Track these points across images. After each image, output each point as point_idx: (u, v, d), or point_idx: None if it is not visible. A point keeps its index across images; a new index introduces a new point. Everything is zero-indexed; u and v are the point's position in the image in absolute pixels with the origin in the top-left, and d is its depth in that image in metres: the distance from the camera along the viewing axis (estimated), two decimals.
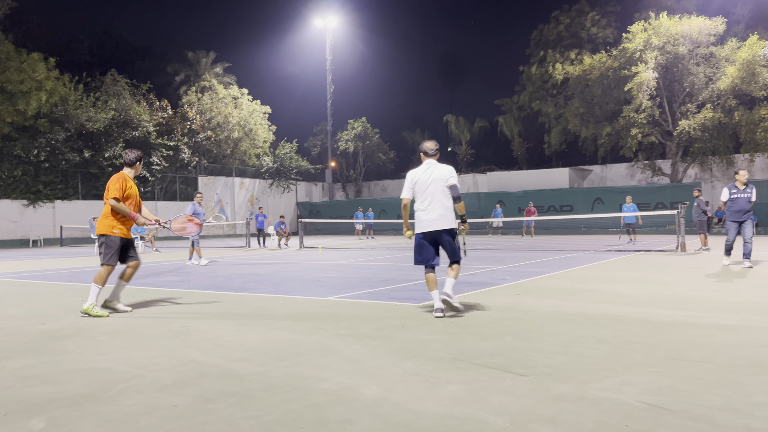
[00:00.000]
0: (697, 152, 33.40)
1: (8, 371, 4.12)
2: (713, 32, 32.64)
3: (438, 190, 6.10)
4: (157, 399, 3.41)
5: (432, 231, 6.11)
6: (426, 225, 6.12)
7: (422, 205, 6.16)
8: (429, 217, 6.10)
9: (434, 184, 6.10)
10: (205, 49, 49.65)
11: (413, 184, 6.21)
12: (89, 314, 6.40)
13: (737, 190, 10.82)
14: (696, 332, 5.02)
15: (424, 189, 6.13)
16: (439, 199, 6.09)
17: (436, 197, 6.09)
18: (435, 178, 6.11)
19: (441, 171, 6.14)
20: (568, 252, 16.35)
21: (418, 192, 6.19)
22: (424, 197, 6.13)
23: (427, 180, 6.12)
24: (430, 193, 6.10)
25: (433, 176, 6.12)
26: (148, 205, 36.38)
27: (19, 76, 29.04)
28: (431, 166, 6.20)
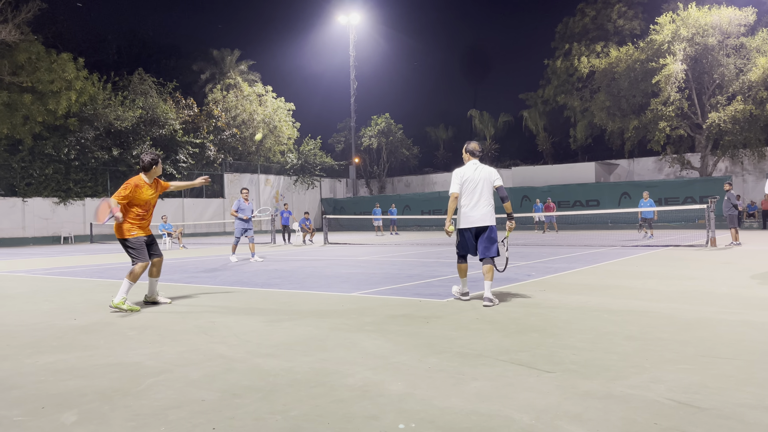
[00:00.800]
0: (727, 145, 32.73)
1: (41, 365, 4.22)
2: (744, 23, 31.93)
3: (486, 189, 6.51)
4: (186, 393, 3.46)
5: (479, 226, 6.50)
6: (473, 221, 6.49)
7: (470, 202, 6.49)
8: (476, 213, 6.48)
9: (482, 183, 6.48)
10: (229, 48, 50.09)
11: (462, 181, 6.52)
12: (120, 308, 6.52)
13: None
14: (726, 329, 4.93)
15: (473, 187, 6.49)
16: (486, 198, 6.51)
17: (483, 196, 6.49)
18: (483, 177, 6.50)
19: (489, 172, 6.57)
20: (594, 247, 16.17)
21: (465, 189, 6.51)
22: (473, 195, 6.49)
23: (477, 179, 6.49)
24: (479, 192, 6.48)
25: (482, 176, 6.50)
26: (174, 202, 36.92)
27: (50, 76, 29.64)
28: (479, 166, 6.58)
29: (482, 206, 6.47)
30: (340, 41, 50.75)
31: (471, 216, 6.49)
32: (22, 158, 30.95)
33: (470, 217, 6.49)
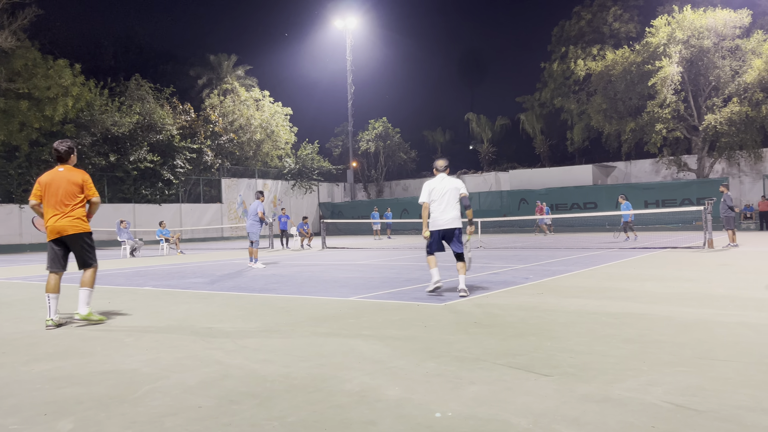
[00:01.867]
0: (723, 147, 32.79)
1: (37, 373, 4.20)
2: (739, 25, 32.02)
3: (452, 198, 7.55)
4: (182, 400, 3.45)
5: (446, 229, 7.52)
6: (442, 224, 7.52)
7: (439, 208, 7.54)
8: (444, 218, 7.51)
9: (449, 193, 7.54)
10: (226, 53, 50.19)
11: (430, 191, 7.63)
12: (89, 320, 6.15)
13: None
14: (724, 331, 4.93)
15: (441, 196, 7.53)
16: (452, 205, 7.53)
17: (449, 203, 7.52)
18: (449, 188, 7.57)
19: (454, 183, 7.65)
20: (592, 250, 16.18)
21: (434, 199, 7.58)
22: (441, 203, 7.53)
23: (443, 189, 7.56)
24: (446, 200, 7.52)
25: (447, 187, 7.57)
26: (171, 208, 36.88)
27: (46, 82, 29.62)
28: (444, 178, 7.68)
29: (449, 212, 7.50)
30: (336, 46, 50.84)
31: (439, 220, 7.51)
32: (18, 165, 30.90)
33: (438, 220, 7.52)
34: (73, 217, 6.16)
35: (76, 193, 6.19)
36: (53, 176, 6.23)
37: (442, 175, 7.76)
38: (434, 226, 7.56)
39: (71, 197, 6.17)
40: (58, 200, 6.14)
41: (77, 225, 6.18)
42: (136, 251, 21.88)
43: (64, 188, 6.15)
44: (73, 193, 6.17)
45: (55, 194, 6.15)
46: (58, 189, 6.15)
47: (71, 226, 6.15)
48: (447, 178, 7.69)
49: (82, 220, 6.24)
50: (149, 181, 35.90)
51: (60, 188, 6.15)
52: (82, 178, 6.24)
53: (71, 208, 6.17)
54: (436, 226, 7.54)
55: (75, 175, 6.23)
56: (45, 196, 6.21)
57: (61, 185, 6.15)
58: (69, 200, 6.16)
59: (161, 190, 36.59)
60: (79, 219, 6.20)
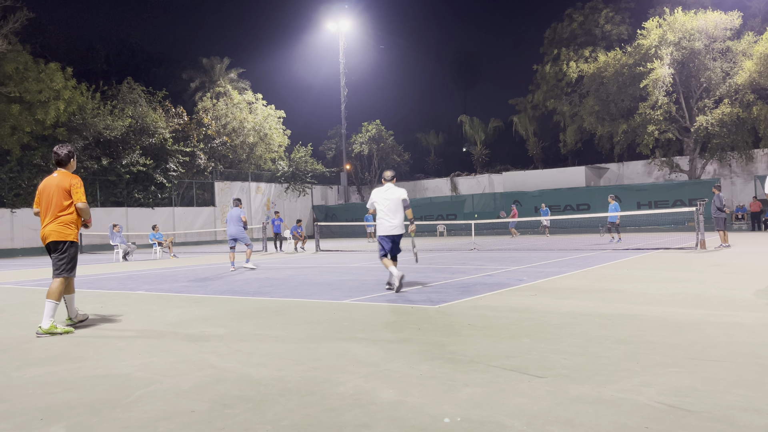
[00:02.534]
0: (715, 148, 32.98)
1: (29, 378, 4.17)
2: (729, 26, 32.24)
3: (397, 205, 8.47)
4: (175, 405, 3.43)
5: (393, 234, 8.51)
6: (389, 230, 8.48)
7: (385, 216, 8.47)
8: (394, 223, 8.46)
9: (393, 201, 8.46)
10: (219, 56, 50.11)
11: (376, 199, 8.57)
12: (52, 333, 5.82)
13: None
14: (716, 331, 4.95)
15: (386, 204, 8.47)
16: (396, 212, 8.46)
17: (397, 210, 8.47)
18: (394, 197, 8.49)
19: (398, 192, 8.56)
20: (585, 251, 16.23)
21: (383, 206, 8.50)
22: (390, 210, 8.45)
23: (388, 197, 8.49)
24: (393, 208, 8.46)
25: (393, 196, 8.50)
26: (164, 211, 36.77)
27: (38, 86, 29.49)
28: (390, 188, 8.60)
29: (394, 218, 8.44)
30: (329, 48, 50.90)
31: (386, 226, 8.47)
32: (10, 169, 30.73)
33: (386, 227, 8.48)
34: (58, 224, 6.07)
35: (64, 199, 6.08)
36: (47, 183, 6.18)
37: (389, 184, 8.65)
38: (383, 232, 8.51)
39: (60, 203, 6.07)
40: (50, 206, 6.08)
41: (59, 231, 6.07)
42: (128, 255, 21.79)
43: (56, 194, 6.08)
44: (62, 198, 6.07)
45: (48, 200, 6.10)
46: (51, 195, 6.09)
47: (53, 232, 6.07)
48: (393, 188, 8.57)
49: (67, 226, 6.10)
50: (142, 184, 35.77)
51: (52, 194, 6.09)
52: (70, 183, 6.11)
53: (59, 212, 6.08)
54: (385, 232, 8.48)
55: (65, 180, 6.12)
56: (41, 203, 6.17)
57: (53, 191, 6.09)
58: (58, 206, 6.07)
59: (154, 194, 36.46)
60: (64, 225, 6.09)
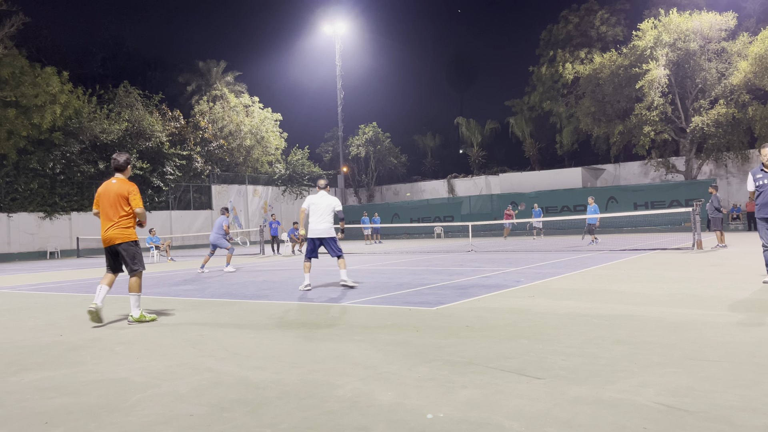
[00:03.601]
0: (711, 148, 33.08)
1: (27, 383, 4.16)
2: (724, 27, 32.36)
3: (327, 212, 9.23)
4: (174, 408, 3.43)
5: (321, 237, 9.25)
6: (318, 233, 9.23)
7: (316, 220, 9.19)
8: (319, 228, 9.21)
9: (325, 208, 9.22)
10: (215, 59, 50.08)
11: (309, 204, 9.28)
12: (141, 321, 6.63)
13: (763, 174, 8.04)
14: (713, 331, 4.97)
15: (317, 210, 9.22)
16: (325, 217, 9.21)
17: (324, 216, 9.20)
18: (326, 204, 9.24)
19: (330, 200, 9.32)
20: (582, 252, 16.25)
21: (313, 211, 9.23)
22: (318, 215, 9.20)
23: (321, 204, 9.23)
24: (321, 213, 9.20)
25: (325, 203, 9.24)
26: (161, 215, 36.75)
27: (34, 90, 29.43)
28: (324, 195, 9.35)
29: (323, 223, 9.19)
30: (326, 51, 50.93)
31: (315, 229, 9.20)
32: (6, 173, 30.65)
33: (314, 230, 9.20)
34: (119, 227, 6.66)
35: (124, 205, 6.67)
36: (106, 188, 6.76)
37: (323, 192, 9.40)
38: (311, 234, 9.24)
39: (119, 208, 6.66)
40: (109, 211, 6.67)
41: (123, 234, 6.66)
42: None
43: (114, 200, 6.66)
44: (120, 204, 6.66)
45: (106, 205, 6.68)
46: (108, 200, 6.67)
47: (118, 236, 6.66)
48: (326, 196, 9.33)
49: (128, 229, 6.70)
50: (139, 188, 35.71)
51: (110, 200, 6.67)
52: (128, 190, 6.70)
53: (119, 218, 6.66)
54: (313, 234, 9.22)
55: (123, 187, 6.71)
56: (100, 206, 6.75)
57: (111, 197, 6.67)
58: (118, 211, 6.66)
59: (151, 197, 36.40)
60: (125, 228, 6.68)
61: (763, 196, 7.89)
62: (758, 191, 8.00)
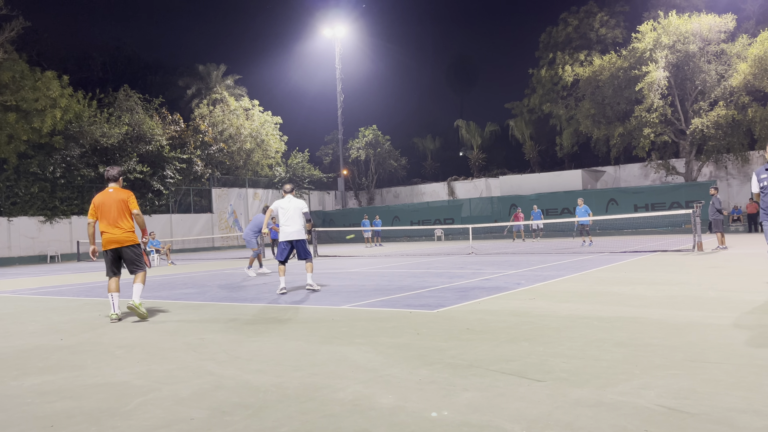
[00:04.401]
0: (711, 150, 33.08)
1: (27, 387, 4.16)
2: (723, 29, 32.38)
3: (296, 215, 9.59)
4: (175, 412, 3.42)
5: (291, 240, 9.60)
6: (288, 235, 9.58)
7: (286, 223, 9.57)
8: (290, 230, 9.56)
9: (294, 211, 9.60)
10: (215, 62, 50.15)
11: (278, 208, 9.66)
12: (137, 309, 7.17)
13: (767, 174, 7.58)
14: (715, 333, 4.96)
15: (286, 213, 9.57)
16: (295, 220, 9.57)
17: (294, 218, 9.56)
18: (294, 207, 9.61)
19: (297, 203, 9.69)
20: (583, 254, 16.24)
21: (282, 214, 9.61)
22: (287, 218, 9.56)
23: (289, 207, 9.60)
24: (291, 216, 9.56)
25: (293, 205, 9.62)
26: (161, 218, 36.76)
27: (34, 94, 29.47)
28: (291, 199, 9.71)
29: (293, 225, 9.54)
30: (325, 54, 50.92)
31: (287, 232, 9.57)
32: (7, 177, 30.68)
33: (286, 232, 9.57)
34: (124, 230, 7.37)
35: (125, 210, 7.40)
36: (105, 197, 7.40)
37: (290, 196, 9.77)
38: (283, 237, 9.61)
39: (122, 213, 7.38)
40: (113, 217, 7.33)
41: (129, 237, 7.41)
42: None
43: (116, 207, 7.36)
44: (122, 209, 7.38)
45: (109, 212, 7.34)
46: (112, 207, 7.34)
47: (125, 239, 7.37)
48: (293, 200, 9.71)
49: (132, 232, 7.46)
50: (139, 191, 35.73)
51: (112, 207, 7.34)
52: (127, 195, 7.47)
53: (123, 222, 7.37)
54: (285, 237, 9.59)
55: (123, 193, 7.45)
56: (100, 214, 7.37)
57: (114, 204, 7.36)
58: (123, 215, 7.38)
59: (151, 201, 36.43)
60: (130, 232, 7.43)
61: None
62: (763, 192, 7.49)
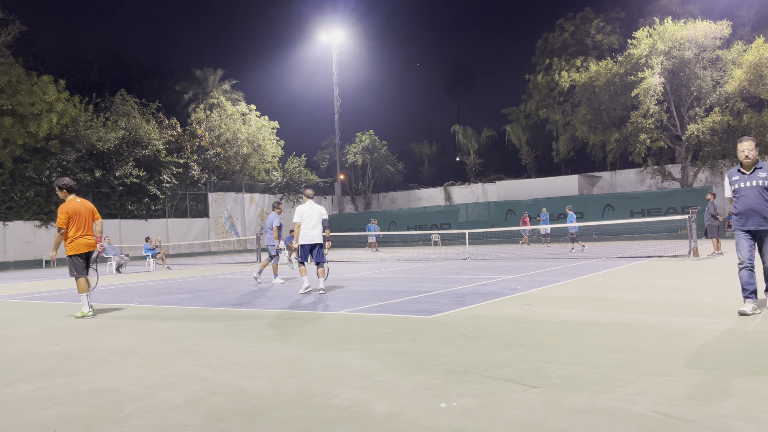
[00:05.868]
0: (706, 156, 33.20)
1: (21, 393, 4.14)
2: (719, 36, 32.55)
3: (318, 220, 10.22)
4: (169, 419, 3.41)
5: (313, 243, 10.17)
6: (311, 239, 10.16)
7: (308, 227, 10.14)
8: (312, 233, 10.16)
9: (316, 216, 10.24)
10: (212, 67, 50.16)
11: (301, 213, 10.15)
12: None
13: (740, 176, 6.44)
14: (710, 339, 4.97)
15: (309, 218, 10.15)
16: (317, 225, 10.20)
17: (315, 223, 10.18)
18: (316, 212, 10.20)
19: (319, 208, 10.28)
20: (579, 260, 16.26)
21: (305, 219, 10.14)
22: (309, 223, 10.15)
23: (312, 212, 10.18)
24: (314, 221, 10.17)
25: (314, 211, 10.20)
26: (158, 223, 36.69)
27: (30, 98, 29.41)
28: (313, 205, 10.26)
29: (315, 229, 10.15)
30: (323, 59, 51.01)
31: (308, 236, 10.12)
32: (2, 181, 30.56)
33: (307, 236, 10.12)
34: (92, 236, 8.40)
35: (92, 218, 8.42)
36: (77, 206, 8.25)
37: (311, 201, 10.31)
38: (304, 241, 10.11)
39: (91, 221, 8.40)
40: (86, 224, 8.29)
41: (94, 242, 8.47)
42: (122, 267, 21.69)
43: (88, 214, 8.36)
44: (90, 218, 8.39)
45: (83, 219, 8.26)
46: (84, 215, 8.28)
47: (93, 243, 8.42)
48: (315, 205, 10.22)
49: (96, 238, 8.54)
50: (135, 196, 35.68)
51: (86, 215, 8.31)
52: (92, 205, 8.52)
53: (91, 229, 8.37)
54: (306, 240, 10.10)
55: (88, 204, 8.47)
56: (73, 222, 8.16)
57: (86, 212, 8.33)
58: (90, 223, 8.38)
59: (147, 206, 36.35)
60: (95, 237, 8.50)
61: (743, 202, 6.30)
62: (736, 196, 6.45)
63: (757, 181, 6.23)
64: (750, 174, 6.31)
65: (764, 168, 6.26)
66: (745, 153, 6.29)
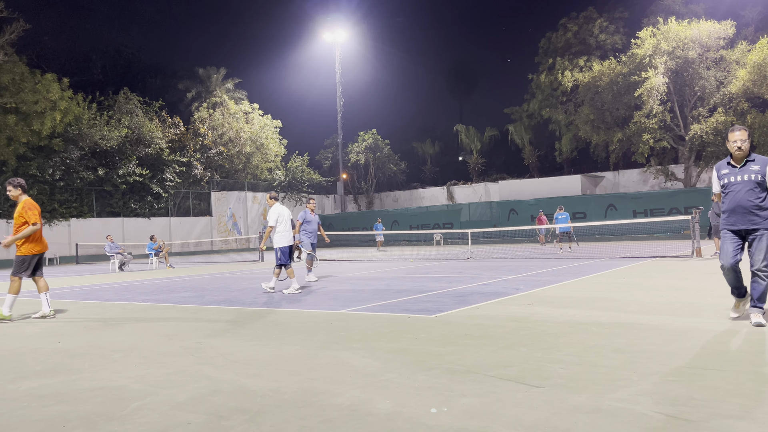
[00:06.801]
0: (710, 156, 33.15)
1: (24, 391, 4.15)
2: (723, 36, 32.49)
3: (289, 222, 10.58)
4: (171, 417, 3.42)
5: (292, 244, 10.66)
6: (289, 240, 10.51)
7: (285, 229, 10.45)
8: (290, 235, 10.56)
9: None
10: (215, 66, 50.25)
11: (278, 215, 10.41)
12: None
13: (730, 169, 5.72)
14: (713, 340, 4.96)
15: (285, 220, 10.46)
16: (289, 225, 10.58)
17: (289, 224, 10.59)
18: (288, 214, 10.58)
19: (288, 210, 10.53)
20: (581, 260, 16.24)
21: (281, 221, 10.41)
22: (286, 224, 10.48)
23: (286, 215, 10.52)
24: (288, 223, 10.53)
25: (287, 213, 10.57)
26: (160, 221, 36.77)
27: (34, 96, 29.48)
28: (283, 207, 10.61)
29: (290, 230, 10.58)
30: (326, 58, 51.06)
31: (288, 237, 10.49)
32: (6, 179, 30.65)
33: (288, 237, 10.49)
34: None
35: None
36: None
37: (279, 203, 10.70)
38: (287, 242, 10.46)
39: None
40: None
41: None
42: (125, 265, 21.73)
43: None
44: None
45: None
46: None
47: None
48: (284, 207, 10.64)
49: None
50: (138, 194, 35.75)
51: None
52: None
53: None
54: (288, 242, 10.49)
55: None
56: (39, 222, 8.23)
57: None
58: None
59: (150, 204, 36.43)
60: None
61: (732, 198, 5.65)
62: (725, 191, 5.78)
63: (749, 175, 5.52)
64: (741, 167, 5.58)
65: (757, 161, 5.53)
66: (737, 144, 5.53)
